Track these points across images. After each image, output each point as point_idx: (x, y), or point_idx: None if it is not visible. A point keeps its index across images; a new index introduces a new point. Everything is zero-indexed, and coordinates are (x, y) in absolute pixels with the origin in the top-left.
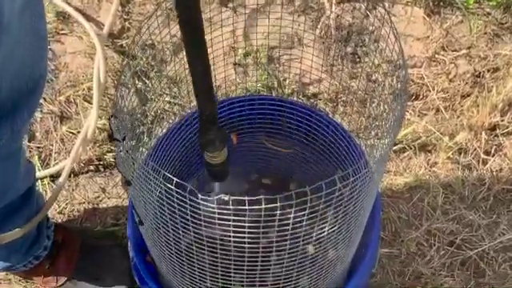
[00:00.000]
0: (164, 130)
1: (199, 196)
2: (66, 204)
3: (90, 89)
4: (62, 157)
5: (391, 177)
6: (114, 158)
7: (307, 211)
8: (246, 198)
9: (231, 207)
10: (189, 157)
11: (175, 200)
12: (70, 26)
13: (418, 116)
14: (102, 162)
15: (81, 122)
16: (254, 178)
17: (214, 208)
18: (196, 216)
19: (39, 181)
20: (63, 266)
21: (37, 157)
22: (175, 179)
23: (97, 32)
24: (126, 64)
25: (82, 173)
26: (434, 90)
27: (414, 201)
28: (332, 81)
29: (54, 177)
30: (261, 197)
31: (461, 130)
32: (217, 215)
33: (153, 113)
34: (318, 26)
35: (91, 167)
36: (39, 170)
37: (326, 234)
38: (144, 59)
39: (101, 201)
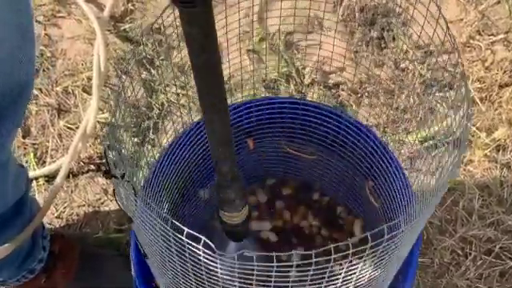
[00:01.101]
0: (170, 139)
1: (216, 252)
2: (65, 207)
3: (89, 78)
4: (59, 154)
5: (421, 177)
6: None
7: (347, 264)
8: (274, 253)
9: (255, 264)
10: (199, 164)
11: (187, 250)
12: (67, 7)
13: (452, 108)
14: (103, 161)
15: (80, 116)
16: (272, 184)
17: (233, 264)
18: (212, 269)
19: (34, 181)
20: (60, 280)
21: (32, 154)
22: (186, 229)
23: (97, 15)
24: (129, 51)
25: (82, 172)
26: (468, 79)
27: (448, 204)
28: (356, 69)
29: (50, 177)
30: (292, 252)
31: (499, 124)
32: (237, 270)
33: (159, 105)
34: (340, 8)
35: (92, 166)
36: (34, 170)
37: (366, 280)
38: (149, 45)
39: (102, 203)
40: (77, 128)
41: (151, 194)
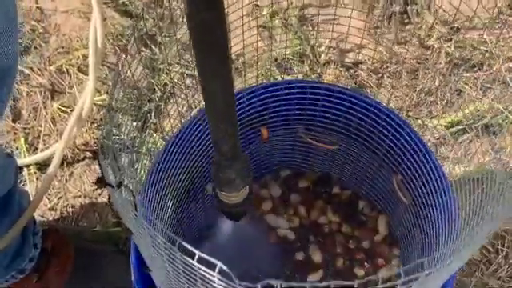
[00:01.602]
0: (173, 124)
1: (237, 282)
2: (59, 198)
3: (85, 56)
4: (52, 140)
5: (448, 164)
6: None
7: None
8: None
9: None
10: (208, 156)
11: (197, 275)
12: None
13: (481, 90)
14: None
15: (75, 98)
16: (287, 176)
17: None
18: None
19: (24, 169)
20: (54, 279)
21: (23, 139)
22: (197, 253)
23: None
24: (128, 26)
25: (78, 160)
26: (499, 58)
27: (476, 195)
28: (376, 47)
29: (42, 164)
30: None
31: None
32: None
33: (162, 86)
34: None
35: (88, 153)
36: (25, 156)
37: None
38: (151, 20)
39: (100, 194)
40: (71, 111)
41: (153, 192)
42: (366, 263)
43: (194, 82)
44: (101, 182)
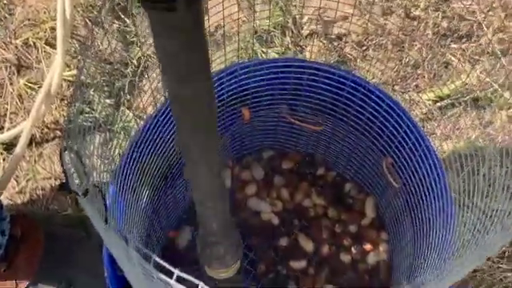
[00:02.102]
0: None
1: None
2: (27, 180)
3: (53, 29)
4: (19, 118)
5: (436, 141)
6: (87, 121)
7: None
8: None
9: None
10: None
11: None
12: None
13: (469, 63)
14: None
15: (43, 73)
16: (270, 157)
17: None
18: None
19: None
20: (24, 268)
21: None
22: (176, 272)
23: None
24: None
25: (47, 140)
26: (488, 28)
27: (466, 173)
28: (361, 18)
29: (9, 144)
30: None
31: None
32: None
33: (135, 61)
34: None
35: (58, 132)
36: None
37: None
38: None
39: None
40: (39, 87)
41: (127, 181)
42: (352, 248)
43: None
44: (65, 189)
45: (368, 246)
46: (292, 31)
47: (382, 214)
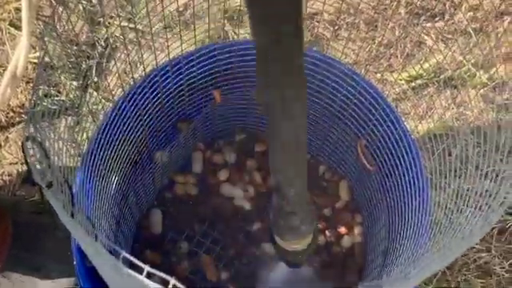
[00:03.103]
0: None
1: None
2: None
3: (18, 9)
4: None
5: (409, 121)
6: (53, 104)
7: None
8: None
9: None
10: (155, 122)
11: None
12: None
13: (443, 42)
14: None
15: (8, 55)
16: (243, 139)
17: None
18: None
19: None
20: None
21: None
22: (146, 268)
23: None
24: None
25: (13, 124)
26: (461, 6)
27: (439, 153)
28: None
29: None
30: None
31: (497, 60)
32: None
33: (103, 42)
34: None
35: (24, 116)
36: None
37: None
38: None
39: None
40: (4, 70)
41: (93, 168)
42: (327, 232)
43: (137, 36)
44: (29, 182)
45: (342, 230)
46: None
47: (356, 197)
